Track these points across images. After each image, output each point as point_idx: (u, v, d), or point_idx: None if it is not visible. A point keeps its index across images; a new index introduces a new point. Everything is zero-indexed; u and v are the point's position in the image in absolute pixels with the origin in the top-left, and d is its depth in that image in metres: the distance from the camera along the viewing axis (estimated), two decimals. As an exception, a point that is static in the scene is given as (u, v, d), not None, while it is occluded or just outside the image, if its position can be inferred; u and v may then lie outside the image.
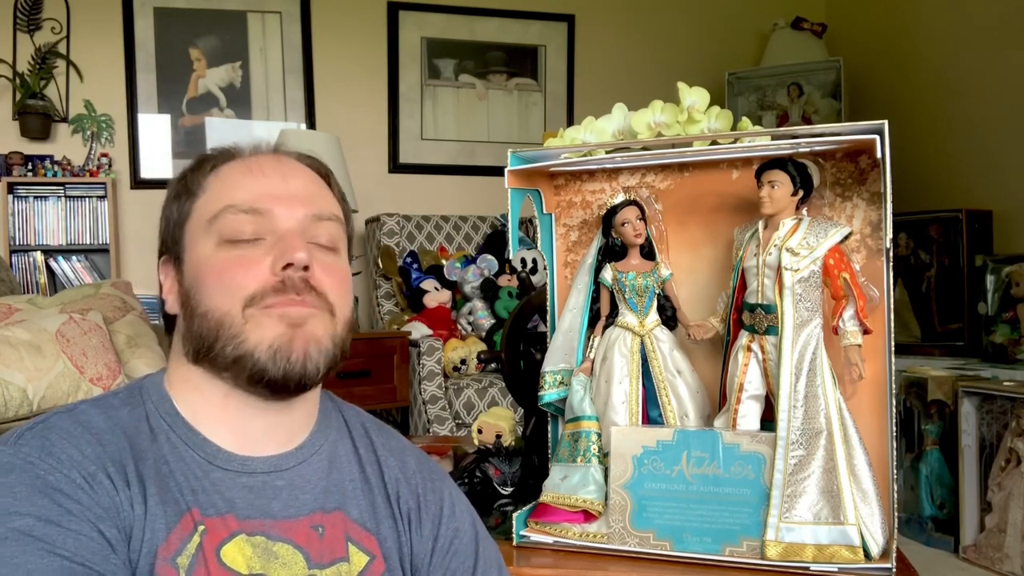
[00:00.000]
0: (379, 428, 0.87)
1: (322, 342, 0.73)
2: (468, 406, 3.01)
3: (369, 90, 3.99)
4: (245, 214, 0.73)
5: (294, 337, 0.71)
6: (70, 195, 3.44)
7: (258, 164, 0.77)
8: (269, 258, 0.72)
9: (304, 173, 0.79)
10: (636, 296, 1.24)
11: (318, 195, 0.78)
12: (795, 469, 1.07)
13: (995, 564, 2.35)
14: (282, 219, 0.74)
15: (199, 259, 0.74)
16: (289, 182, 0.76)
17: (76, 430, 0.68)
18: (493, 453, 1.42)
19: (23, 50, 3.51)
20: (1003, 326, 2.80)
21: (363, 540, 0.77)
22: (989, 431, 2.45)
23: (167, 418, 0.73)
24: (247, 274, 0.71)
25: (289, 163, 0.79)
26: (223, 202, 0.74)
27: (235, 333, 0.70)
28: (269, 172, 0.76)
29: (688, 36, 4.34)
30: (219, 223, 0.73)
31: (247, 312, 0.70)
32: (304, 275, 0.72)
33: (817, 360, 1.09)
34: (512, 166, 1.24)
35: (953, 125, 3.56)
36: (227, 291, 0.71)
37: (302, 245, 0.72)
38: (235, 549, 0.69)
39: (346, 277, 0.78)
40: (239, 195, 0.74)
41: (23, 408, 2.00)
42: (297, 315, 0.71)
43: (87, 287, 2.55)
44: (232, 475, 0.72)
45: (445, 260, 3.48)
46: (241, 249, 0.72)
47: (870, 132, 1.05)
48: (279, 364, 0.70)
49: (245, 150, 0.79)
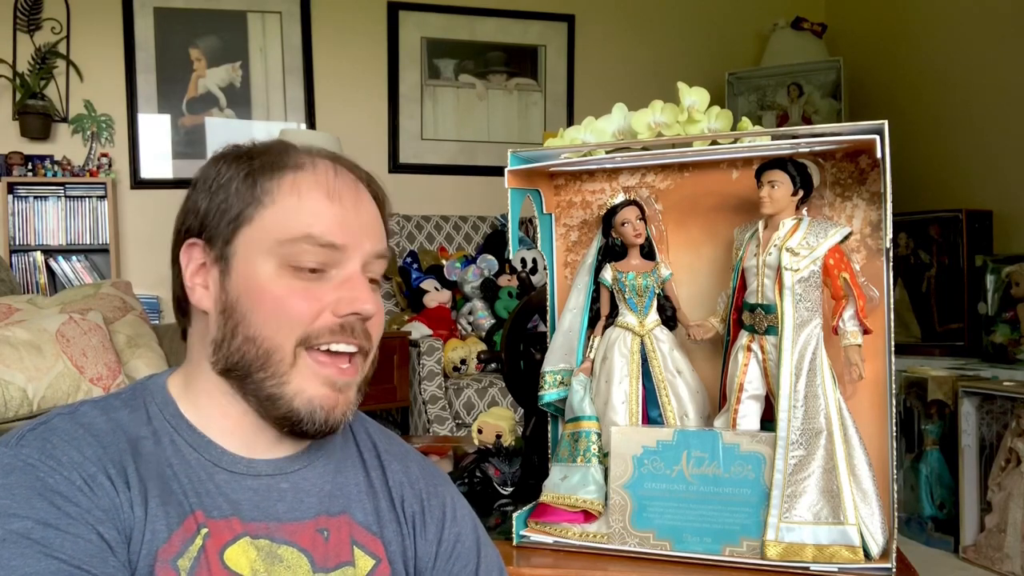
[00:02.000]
0: (383, 433, 0.87)
1: (355, 401, 0.75)
2: (468, 406, 3.01)
3: (369, 90, 3.99)
4: (322, 248, 0.70)
5: (337, 403, 0.72)
6: (70, 195, 3.44)
7: (337, 189, 0.73)
8: (334, 296, 0.70)
9: (369, 201, 0.76)
10: (636, 296, 1.24)
11: (379, 229, 0.76)
12: (795, 469, 1.07)
13: (995, 564, 2.35)
14: (351, 257, 0.72)
15: (256, 275, 0.70)
16: (361, 212, 0.74)
17: (77, 431, 0.67)
18: (493, 453, 1.42)
19: (23, 50, 3.51)
20: (1003, 326, 2.80)
21: (368, 544, 0.77)
22: (989, 431, 2.45)
23: (171, 420, 0.72)
24: (309, 309, 0.70)
25: (360, 189, 0.76)
26: (302, 229, 0.70)
27: (281, 372, 0.70)
28: (347, 200, 0.73)
29: (688, 36, 4.34)
30: (291, 250, 0.70)
31: (298, 349, 0.70)
32: (364, 322, 0.72)
33: (817, 360, 1.09)
34: (512, 166, 1.24)
35: (953, 125, 3.56)
36: (283, 323, 0.69)
37: (371, 296, 0.72)
38: (239, 552, 0.68)
39: (383, 314, 0.78)
40: (319, 225, 0.70)
41: (23, 408, 2.00)
42: (344, 382, 0.72)
43: (87, 287, 2.56)
44: (238, 477, 0.72)
45: (445, 260, 3.48)
46: (305, 281, 0.70)
47: (870, 132, 1.05)
48: (316, 422, 0.71)
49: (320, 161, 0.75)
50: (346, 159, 0.78)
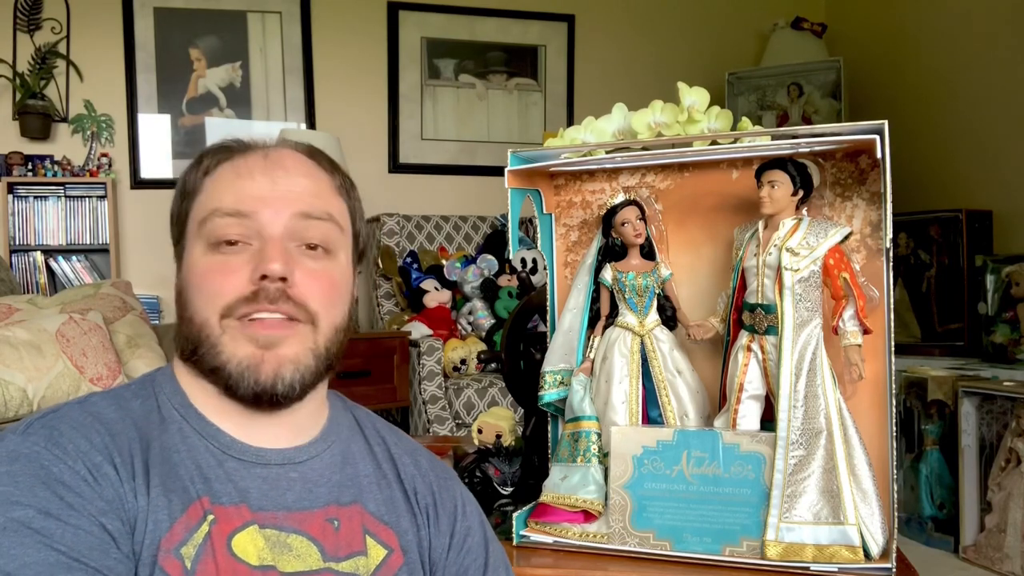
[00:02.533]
0: (391, 429, 0.88)
1: (298, 358, 0.72)
2: (468, 406, 3.01)
3: (369, 90, 3.99)
4: (230, 216, 0.72)
5: (263, 359, 0.71)
6: (70, 195, 3.44)
7: (247, 166, 0.75)
8: (250, 266, 0.71)
9: (298, 169, 0.77)
10: (636, 296, 1.24)
11: (310, 193, 0.76)
12: (795, 469, 1.07)
13: (995, 564, 2.35)
14: (268, 221, 0.73)
15: (190, 262, 0.74)
16: (279, 183, 0.75)
17: (86, 420, 0.68)
18: (493, 453, 1.42)
19: (23, 50, 3.51)
20: (1003, 326, 2.80)
21: (381, 533, 0.77)
22: (989, 431, 2.45)
23: (180, 409, 0.73)
24: (225, 282, 0.71)
25: (281, 160, 0.77)
26: (212, 206, 0.74)
27: (212, 343, 0.71)
28: (258, 174, 0.75)
29: (688, 36, 4.34)
30: (207, 227, 0.73)
31: (224, 323, 0.71)
32: (282, 286, 0.71)
33: (817, 360, 1.09)
34: (512, 166, 1.24)
35: (953, 125, 3.56)
36: (207, 298, 0.71)
37: (279, 254, 0.71)
38: (247, 539, 0.68)
39: (336, 281, 0.77)
40: (226, 199, 0.73)
41: (23, 408, 2.00)
42: (267, 337, 0.71)
43: (87, 287, 2.56)
44: (247, 465, 0.72)
45: (445, 260, 3.48)
46: (225, 255, 0.72)
47: (870, 132, 1.05)
48: (248, 383, 0.71)
49: (237, 149, 0.78)
50: (291, 143, 0.80)
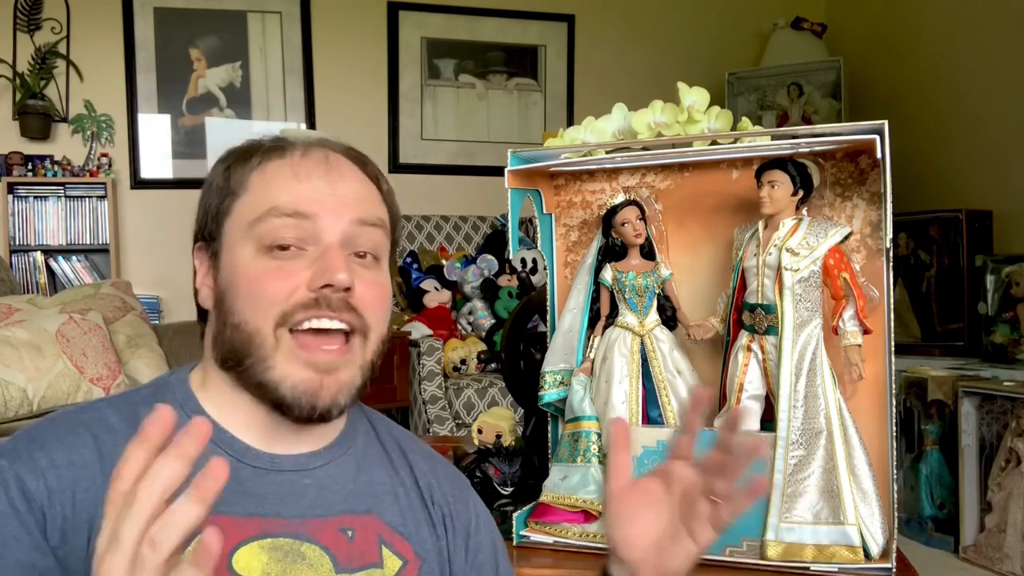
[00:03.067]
0: (407, 436, 0.86)
1: (353, 381, 0.71)
2: (468, 406, 3.01)
3: (369, 90, 3.99)
4: (289, 218, 0.69)
5: (322, 385, 0.69)
6: (70, 195, 3.44)
7: (305, 166, 0.72)
8: (308, 273, 0.68)
9: (353, 175, 0.75)
10: (636, 296, 1.24)
11: (366, 199, 0.74)
12: (795, 469, 1.07)
13: (995, 564, 2.35)
14: (326, 227, 0.70)
15: (236, 263, 0.70)
16: (337, 187, 0.72)
17: (78, 430, 0.66)
18: (493, 453, 1.42)
19: (23, 50, 3.51)
20: (1003, 326, 2.80)
21: (396, 544, 0.75)
22: (989, 431, 2.45)
23: (192, 416, 0.71)
24: (283, 287, 0.68)
25: (338, 164, 0.74)
26: (266, 204, 0.70)
27: (264, 356, 0.68)
28: (316, 176, 0.72)
29: (688, 36, 4.34)
30: (260, 227, 0.69)
31: (278, 332, 0.68)
32: (344, 296, 0.69)
33: (817, 360, 1.09)
34: (512, 166, 1.24)
35: (953, 125, 3.56)
36: (260, 304, 0.68)
37: (344, 264, 0.69)
38: (249, 554, 0.67)
39: (386, 292, 0.75)
40: (283, 198, 0.70)
41: (23, 408, 2.00)
42: (327, 363, 0.69)
43: (87, 287, 2.56)
44: (261, 473, 0.71)
45: (445, 260, 3.49)
46: (280, 260, 0.69)
47: (870, 132, 1.05)
48: (304, 406, 0.68)
49: (293, 146, 0.74)
50: (341, 145, 0.77)
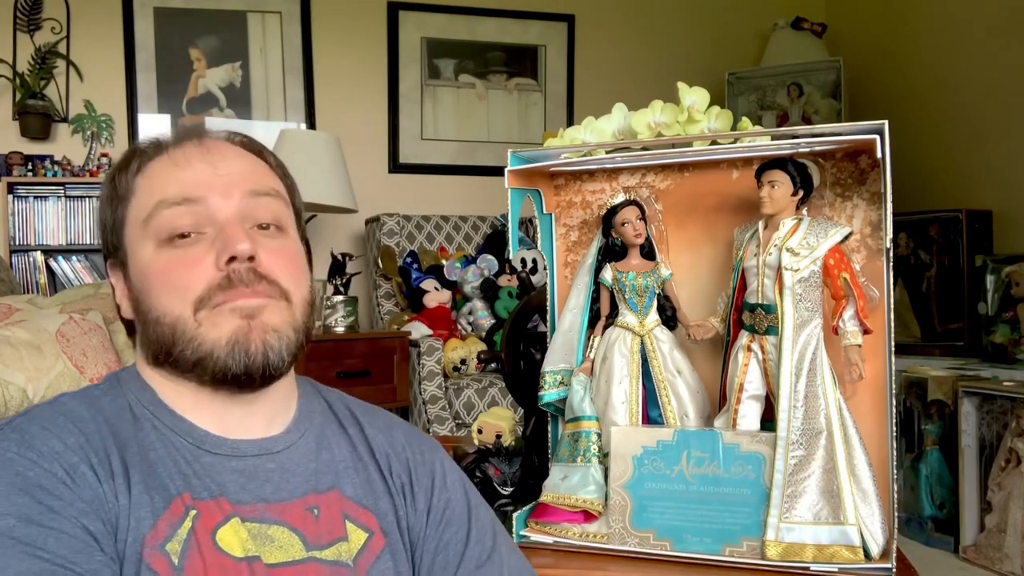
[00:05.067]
0: (364, 408, 0.87)
1: (281, 330, 0.71)
2: (468, 406, 3.01)
3: (369, 90, 3.99)
4: (179, 206, 0.71)
5: (250, 329, 0.69)
6: (70, 195, 3.43)
7: (183, 155, 0.74)
8: (212, 254, 0.70)
9: (234, 153, 0.77)
10: (636, 296, 1.24)
11: (252, 172, 0.76)
12: (795, 469, 1.07)
13: (995, 564, 2.35)
14: (219, 206, 0.72)
15: (142, 263, 0.72)
16: (219, 167, 0.74)
17: (58, 420, 0.67)
18: (493, 453, 1.42)
19: (23, 50, 3.51)
20: (1003, 326, 2.80)
21: (360, 517, 0.76)
22: (989, 431, 2.45)
23: (150, 406, 0.72)
24: (191, 274, 0.69)
25: (217, 147, 0.76)
26: (155, 199, 0.72)
27: (191, 336, 0.69)
28: (196, 160, 0.74)
29: (688, 36, 4.34)
30: (154, 222, 0.71)
31: (199, 315, 0.69)
32: (250, 265, 0.70)
33: (817, 360, 1.09)
34: (512, 166, 1.24)
35: (953, 125, 3.56)
36: (175, 293, 0.70)
37: (243, 235, 0.70)
38: (230, 532, 0.68)
39: (296, 256, 0.76)
40: (169, 189, 0.72)
41: (23, 408, 2.00)
42: (250, 306, 0.70)
43: (87, 287, 2.55)
44: (222, 459, 0.71)
45: (445, 260, 3.48)
46: (182, 248, 0.71)
47: (870, 132, 1.05)
48: (239, 359, 0.69)
49: (168, 143, 0.76)
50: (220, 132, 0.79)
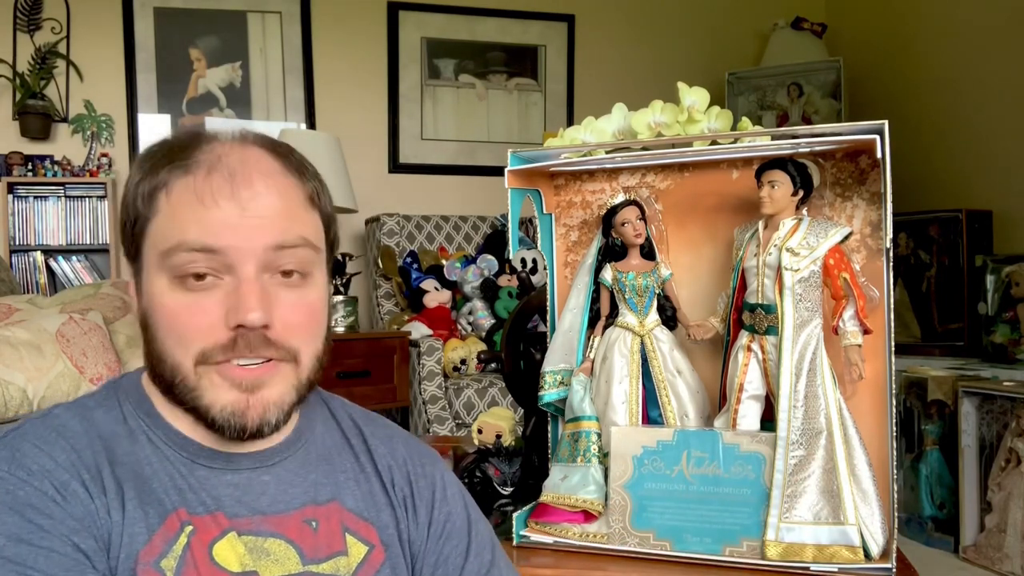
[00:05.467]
0: (366, 417, 0.85)
1: (283, 399, 0.69)
2: (468, 406, 3.01)
3: (369, 90, 3.99)
4: (198, 252, 0.66)
5: (249, 405, 0.67)
6: (70, 195, 3.43)
7: (210, 188, 0.67)
8: (224, 308, 0.66)
9: (268, 185, 0.69)
10: (636, 296, 1.24)
11: (284, 215, 0.69)
12: (795, 469, 1.07)
13: (995, 564, 2.35)
14: (240, 258, 0.66)
15: (153, 293, 0.68)
16: (248, 208, 0.67)
17: (49, 436, 0.66)
18: (493, 453, 1.42)
19: (23, 50, 3.51)
20: (1003, 326, 2.80)
21: (361, 530, 0.75)
22: (989, 431, 2.45)
23: (146, 419, 0.71)
24: (199, 327, 0.66)
25: (248, 176, 0.68)
26: (175, 238, 0.66)
27: (190, 387, 0.67)
28: (223, 198, 0.66)
29: (688, 36, 4.34)
30: (172, 260, 0.66)
31: (199, 368, 0.67)
32: (261, 332, 0.67)
33: (817, 360, 1.09)
34: (512, 166, 1.24)
35: (953, 125, 3.56)
36: (178, 341, 0.67)
37: (258, 301, 0.66)
38: (227, 547, 0.67)
39: (315, 309, 0.72)
40: (191, 231, 0.66)
41: (23, 408, 2.00)
42: (249, 380, 0.67)
43: (87, 287, 2.55)
44: (217, 472, 0.70)
45: (445, 260, 3.48)
46: (194, 295, 0.66)
47: (870, 132, 1.05)
48: (233, 427, 0.67)
49: (198, 162, 0.68)
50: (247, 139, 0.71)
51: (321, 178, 0.75)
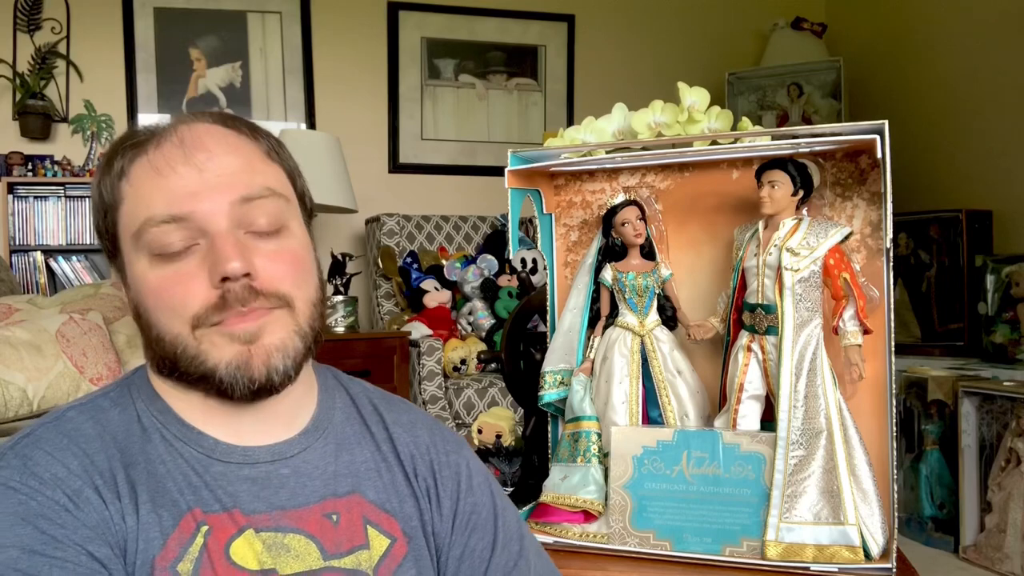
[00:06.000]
0: (388, 402, 0.83)
1: (285, 345, 0.68)
2: (468, 406, 3.01)
3: (369, 90, 3.99)
4: (166, 224, 0.66)
5: (251, 355, 0.67)
6: (70, 195, 3.43)
7: (164, 159, 0.68)
8: (205, 270, 0.66)
9: (221, 146, 0.70)
10: (636, 296, 1.24)
11: (244, 168, 0.69)
12: (795, 469, 1.07)
13: (995, 564, 2.35)
14: (208, 217, 0.67)
15: (137, 278, 0.69)
16: (205, 170, 0.68)
17: (61, 442, 0.65)
18: (493, 453, 1.42)
19: (23, 50, 3.51)
20: (1003, 326, 2.80)
21: (383, 523, 0.73)
22: (989, 431, 2.45)
23: (159, 416, 0.70)
24: (186, 292, 0.66)
25: (200, 142, 0.69)
26: (140, 216, 0.67)
27: (193, 354, 0.67)
28: (179, 165, 0.67)
29: (688, 36, 4.34)
30: (144, 239, 0.67)
31: (197, 332, 0.66)
32: (246, 282, 0.66)
33: (817, 360, 1.09)
34: (512, 166, 1.24)
35: (953, 125, 3.56)
36: (171, 313, 0.67)
37: (234, 250, 0.66)
38: (244, 545, 0.66)
39: (299, 256, 0.71)
40: (155, 205, 0.67)
41: (23, 408, 2.00)
42: (248, 331, 0.67)
43: (87, 287, 2.55)
44: (234, 467, 0.69)
45: (445, 260, 3.48)
46: (175, 264, 0.67)
47: (870, 132, 1.05)
48: (242, 382, 0.67)
49: (147, 138, 0.70)
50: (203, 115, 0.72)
51: (276, 138, 0.75)
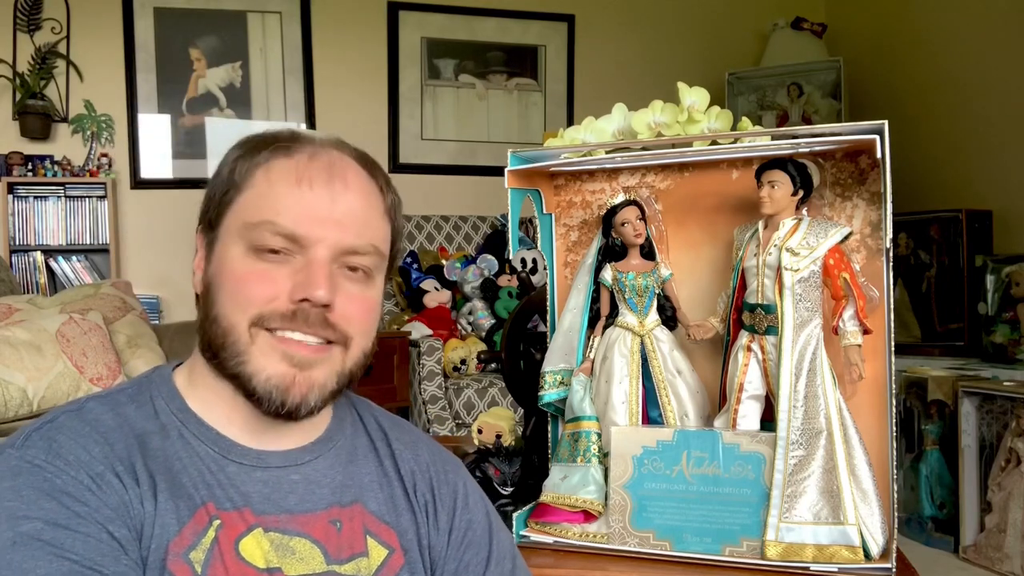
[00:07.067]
0: (392, 422, 0.87)
1: (326, 384, 0.71)
2: (468, 406, 3.01)
3: (369, 90, 3.99)
4: (283, 236, 0.69)
5: (295, 381, 0.70)
6: (70, 195, 3.44)
7: (309, 172, 0.71)
8: (291, 282, 0.69)
9: (357, 186, 0.73)
10: (636, 296, 1.24)
11: (363, 221, 0.73)
12: (795, 469, 1.07)
13: (995, 564, 2.35)
14: (316, 244, 0.70)
15: (225, 258, 0.71)
16: (337, 201, 0.71)
17: (83, 429, 0.67)
18: (493, 453, 1.42)
19: (23, 50, 3.51)
20: (1003, 326, 2.80)
21: (382, 533, 0.76)
22: (989, 431, 2.45)
23: (178, 414, 0.72)
24: (263, 293, 0.69)
25: (344, 171, 0.73)
26: (264, 215, 0.70)
27: (239, 350, 0.69)
28: (319, 185, 0.71)
29: (688, 36, 4.34)
30: (254, 233, 0.70)
31: (253, 331, 0.69)
32: (322, 311, 0.70)
33: (817, 360, 1.09)
34: (512, 166, 1.24)
35: (953, 125, 3.56)
36: (239, 302, 0.69)
37: (326, 281, 0.69)
38: (253, 543, 0.68)
39: (372, 307, 0.76)
40: (283, 214, 0.70)
41: (23, 408, 2.00)
42: (305, 359, 0.70)
43: (87, 287, 2.55)
44: (247, 469, 0.72)
45: (445, 260, 3.49)
46: (266, 264, 0.70)
47: (870, 132, 1.05)
48: (275, 401, 0.69)
49: (302, 146, 0.73)
50: (346, 146, 0.76)
51: (398, 195, 0.80)
